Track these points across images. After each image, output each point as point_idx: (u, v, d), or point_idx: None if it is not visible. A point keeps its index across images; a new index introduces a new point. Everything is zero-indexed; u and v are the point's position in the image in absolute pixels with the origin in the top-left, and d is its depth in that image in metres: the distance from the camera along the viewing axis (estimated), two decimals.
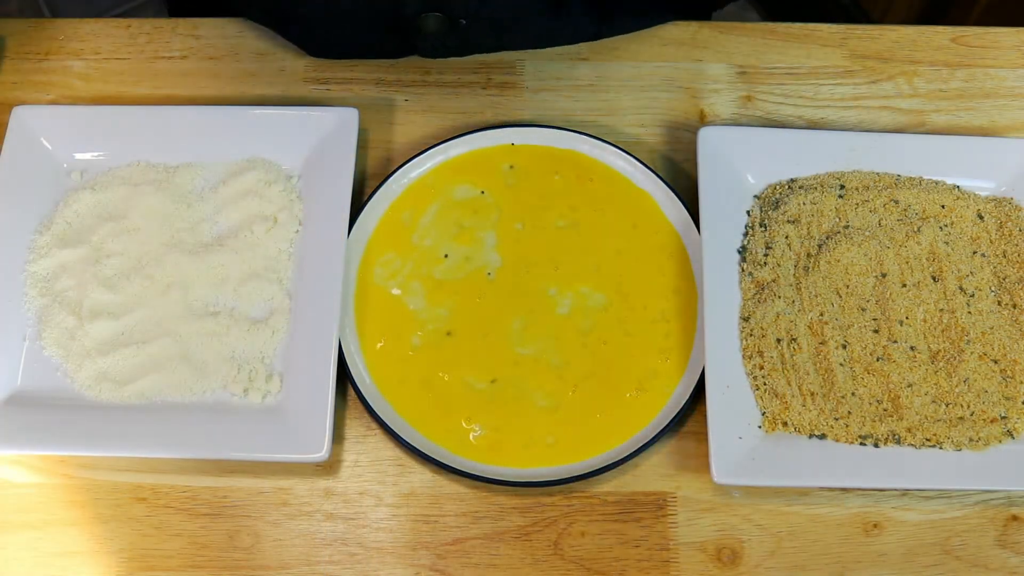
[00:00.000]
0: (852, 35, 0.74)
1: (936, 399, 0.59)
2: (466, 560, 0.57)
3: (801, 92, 0.71)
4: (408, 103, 0.70)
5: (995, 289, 0.63)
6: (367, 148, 0.68)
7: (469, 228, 0.65)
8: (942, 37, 0.74)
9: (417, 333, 0.61)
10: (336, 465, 0.59)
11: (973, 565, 0.57)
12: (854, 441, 0.58)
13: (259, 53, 0.71)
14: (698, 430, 0.60)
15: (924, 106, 0.71)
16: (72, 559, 0.57)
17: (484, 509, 0.58)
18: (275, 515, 0.58)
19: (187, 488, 0.58)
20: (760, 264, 0.62)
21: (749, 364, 0.60)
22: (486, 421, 0.59)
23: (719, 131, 0.66)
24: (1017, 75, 0.72)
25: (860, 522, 0.58)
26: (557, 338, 0.61)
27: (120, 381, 0.59)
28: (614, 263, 0.64)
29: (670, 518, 0.58)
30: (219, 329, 0.60)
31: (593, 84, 0.71)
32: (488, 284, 0.63)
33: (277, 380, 0.59)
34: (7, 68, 0.70)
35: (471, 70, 0.71)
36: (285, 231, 0.63)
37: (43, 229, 0.63)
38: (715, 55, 0.72)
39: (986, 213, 0.65)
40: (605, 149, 0.67)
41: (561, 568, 0.57)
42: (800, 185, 0.65)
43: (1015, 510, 0.59)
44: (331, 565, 0.57)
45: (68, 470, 0.59)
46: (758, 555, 0.57)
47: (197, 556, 0.57)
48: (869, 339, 0.60)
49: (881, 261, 0.62)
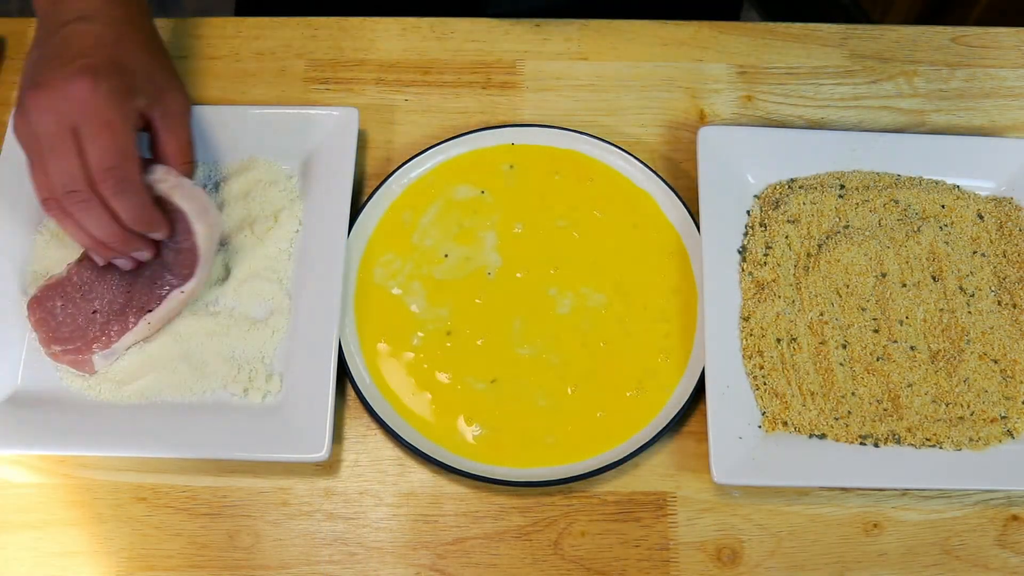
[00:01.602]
0: (852, 35, 0.74)
1: (936, 399, 0.59)
2: (466, 560, 0.57)
3: (801, 92, 0.71)
4: (408, 103, 0.70)
5: (995, 289, 0.63)
6: (367, 148, 0.68)
7: (469, 228, 0.65)
8: (942, 37, 0.74)
9: (417, 333, 0.61)
10: (336, 465, 0.59)
11: (973, 565, 0.57)
12: (854, 441, 0.58)
13: (259, 53, 0.71)
14: (698, 430, 0.60)
15: (924, 106, 0.71)
16: (72, 559, 0.57)
17: (484, 509, 0.58)
18: (275, 515, 0.58)
19: (187, 488, 0.58)
20: (760, 264, 0.62)
21: (749, 364, 0.60)
22: (486, 421, 0.59)
23: (719, 131, 0.66)
24: (1017, 75, 0.72)
25: (860, 522, 0.58)
26: (557, 338, 0.61)
27: (120, 381, 0.59)
28: (614, 263, 0.64)
29: (670, 518, 0.58)
30: (219, 329, 0.60)
31: (593, 84, 0.71)
32: (488, 284, 0.63)
33: (277, 380, 0.59)
34: (7, 68, 0.70)
35: (471, 70, 0.71)
36: (285, 231, 0.63)
37: (43, 229, 0.63)
38: (715, 55, 0.72)
39: (986, 213, 0.65)
40: (605, 149, 0.67)
41: (561, 568, 0.57)
42: (800, 185, 0.65)
43: (1015, 510, 0.59)
44: (331, 565, 0.57)
45: (68, 470, 0.59)
46: (758, 555, 0.57)
47: (197, 556, 0.57)
48: (869, 339, 0.60)
49: (881, 261, 0.62)
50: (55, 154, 0.52)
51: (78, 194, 0.53)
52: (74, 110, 0.52)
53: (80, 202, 0.53)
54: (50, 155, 0.53)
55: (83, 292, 0.59)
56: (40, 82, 0.53)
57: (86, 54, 0.54)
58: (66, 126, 0.52)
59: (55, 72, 0.53)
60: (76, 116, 0.52)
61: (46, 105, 0.52)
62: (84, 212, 0.53)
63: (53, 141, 0.52)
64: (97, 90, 0.53)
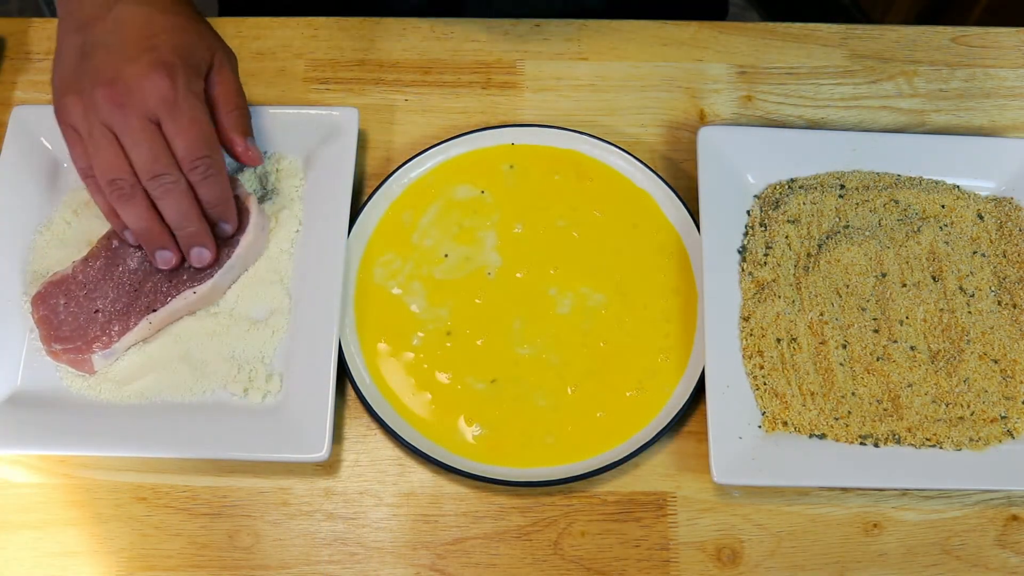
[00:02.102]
0: (852, 35, 0.74)
1: (936, 399, 0.59)
2: (466, 560, 0.57)
3: (801, 92, 0.71)
4: (408, 103, 0.70)
5: (995, 289, 0.63)
6: (367, 148, 0.68)
7: (469, 228, 0.65)
8: (942, 37, 0.74)
9: (417, 333, 0.61)
10: (336, 465, 0.59)
11: (973, 565, 0.57)
12: (854, 441, 0.58)
13: (259, 53, 0.71)
14: (698, 430, 0.60)
15: (924, 106, 0.71)
16: (72, 559, 0.57)
17: (484, 509, 0.58)
18: (275, 515, 0.58)
19: (187, 488, 0.58)
20: (760, 264, 0.62)
21: (749, 364, 0.60)
22: (486, 421, 0.59)
23: (719, 131, 0.66)
24: (1017, 75, 0.73)
25: (860, 522, 0.58)
26: (557, 338, 0.61)
27: (120, 381, 0.59)
28: (614, 263, 0.64)
29: (670, 518, 0.58)
30: (219, 329, 0.60)
31: (593, 84, 0.71)
32: (488, 284, 0.63)
33: (277, 380, 0.59)
34: (7, 68, 0.70)
35: (471, 70, 0.71)
36: (285, 231, 0.63)
37: (43, 229, 0.63)
38: (715, 55, 0.72)
39: (986, 213, 0.65)
40: (605, 149, 0.67)
41: (561, 568, 0.57)
42: (800, 185, 0.65)
43: (1015, 510, 0.59)
44: (331, 565, 0.57)
45: (68, 470, 0.59)
46: (758, 555, 0.57)
47: (197, 556, 0.57)
48: (869, 339, 0.60)
49: (881, 261, 0.62)
50: (139, 144, 0.54)
51: (166, 176, 0.55)
52: (156, 106, 0.54)
53: (169, 183, 0.55)
54: (133, 144, 0.54)
55: (87, 290, 0.59)
56: (113, 78, 0.54)
57: (152, 46, 0.55)
58: (148, 118, 0.54)
59: (124, 67, 0.54)
60: (159, 111, 0.54)
61: (124, 101, 0.54)
62: (171, 194, 0.55)
63: (135, 134, 0.54)
64: (176, 87, 0.54)
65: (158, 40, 0.56)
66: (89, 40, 0.56)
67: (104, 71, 0.54)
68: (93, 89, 0.54)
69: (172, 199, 0.55)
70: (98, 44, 0.56)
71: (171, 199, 0.55)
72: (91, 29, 0.56)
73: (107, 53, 0.55)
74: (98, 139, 0.54)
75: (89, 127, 0.55)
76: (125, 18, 0.56)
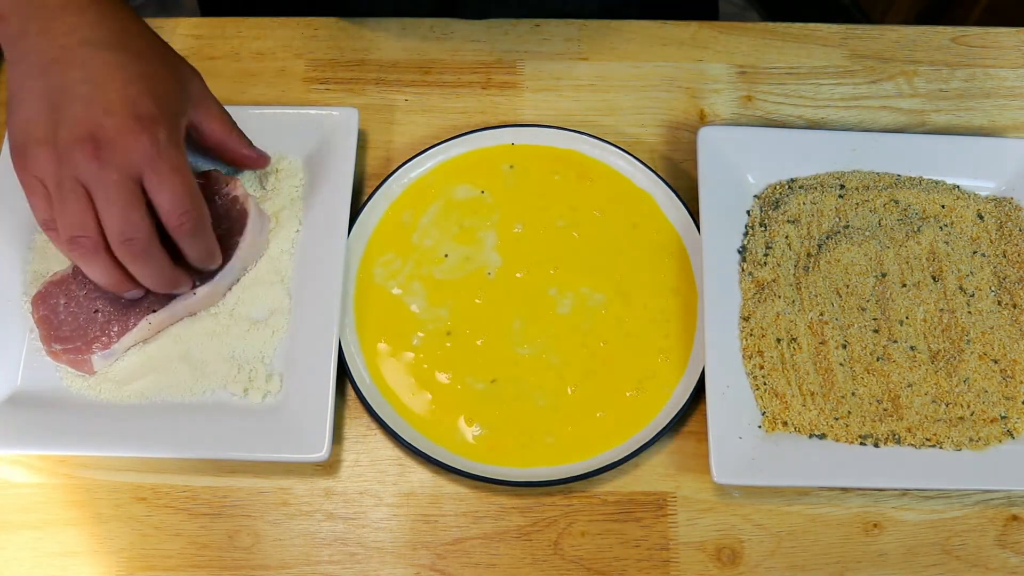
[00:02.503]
0: (852, 35, 0.74)
1: (936, 399, 0.59)
2: (466, 560, 0.57)
3: (801, 92, 0.71)
4: (408, 103, 0.70)
5: (995, 289, 0.63)
6: (367, 148, 0.68)
7: (469, 228, 0.65)
8: (942, 37, 0.74)
9: (417, 333, 0.61)
10: (336, 465, 0.59)
11: (973, 565, 0.57)
12: (854, 441, 0.58)
13: (259, 53, 0.71)
14: (698, 430, 0.60)
15: (924, 106, 0.71)
16: (72, 559, 0.57)
17: (484, 509, 0.58)
18: (275, 515, 0.58)
19: (187, 488, 0.58)
20: (760, 264, 0.62)
21: (749, 364, 0.60)
22: (486, 421, 0.59)
23: (719, 131, 0.66)
24: (1017, 75, 0.73)
25: (860, 522, 0.58)
26: (557, 338, 0.61)
27: (120, 381, 0.59)
28: (614, 263, 0.64)
29: (670, 518, 0.58)
30: (219, 329, 0.60)
31: (593, 84, 0.71)
32: (488, 284, 0.63)
33: (277, 380, 0.59)
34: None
35: (471, 70, 0.71)
36: (285, 231, 0.63)
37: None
38: (715, 55, 0.72)
39: (986, 213, 0.65)
40: (605, 149, 0.67)
41: (561, 568, 0.57)
42: (800, 185, 0.65)
43: (1015, 510, 0.59)
44: (331, 565, 0.57)
45: (68, 470, 0.59)
46: (758, 555, 0.57)
47: (197, 556, 0.57)
48: (869, 339, 0.60)
49: (881, 261, 0.62)
50: (113, 203, 0.51)
51: (137, 241, 0.52)
52: (138, 161, 0.51)
53: (139, 249, 0.52)
54: (106, 202, 0.51)
55: (87, 290, 0.59)
56: (91, 132, 0.51)
57: (130, 97, 0.52)
58: (128, 175, 0.51)
59: (103, 120, 0.51)
60: (141, 166, 0.51)
61: (103, 156, 0.50)
62: (140, 259, 0.53)
63: (111, 191, 0.51)
64: (157, 141, 0.52)
65: (135, 89, 0.52)
66: (56, 86, 0.52)
67: (81, 124, 0.51)
68: (71, 143, 0.51)
69: (142, 264, 0.53)
70: (69, 93, 0.51)
71: (142, 264, 0.53)
72: (56, 75, 0.52)
73: (83, 105, 0.51)
74: (66, 194, 0.51)
75: (59, 181, 0.51)
76: (97, 64, 0.52)
